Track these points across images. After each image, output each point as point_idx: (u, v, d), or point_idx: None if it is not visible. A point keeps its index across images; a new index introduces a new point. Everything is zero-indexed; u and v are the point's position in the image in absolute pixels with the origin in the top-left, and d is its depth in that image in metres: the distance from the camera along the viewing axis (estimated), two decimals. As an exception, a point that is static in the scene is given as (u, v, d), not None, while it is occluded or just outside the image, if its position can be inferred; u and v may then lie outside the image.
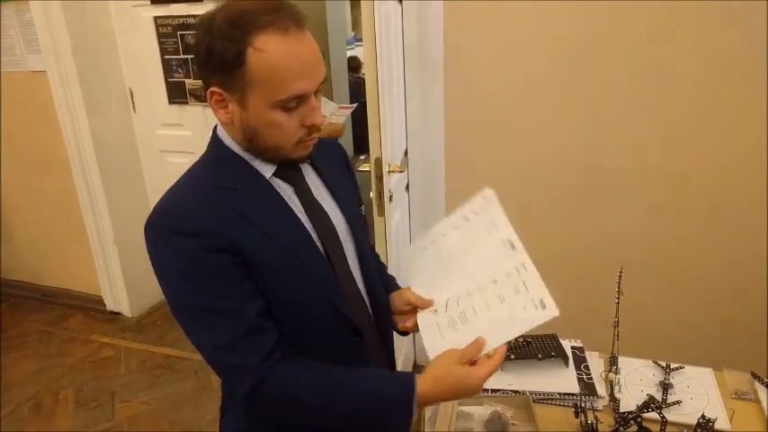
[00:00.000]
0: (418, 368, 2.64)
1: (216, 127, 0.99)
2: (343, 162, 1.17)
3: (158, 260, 0.90)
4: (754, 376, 1.31)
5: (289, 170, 1.00)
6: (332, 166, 1.10)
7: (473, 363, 0.94)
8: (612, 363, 1.36)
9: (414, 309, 1.11)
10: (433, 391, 0.93)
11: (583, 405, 1.21)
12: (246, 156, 0.96)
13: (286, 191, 0.98)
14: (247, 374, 0.88)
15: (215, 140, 0.98)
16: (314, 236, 0.98)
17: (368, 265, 1.09)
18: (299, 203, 0.99)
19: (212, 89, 0.90)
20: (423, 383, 0.93)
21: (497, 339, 0.95)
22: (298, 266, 0.94)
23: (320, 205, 1.02)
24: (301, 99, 0.90)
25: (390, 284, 1.22)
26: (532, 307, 0.95)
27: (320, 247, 0.99)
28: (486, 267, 1.05)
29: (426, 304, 1.09)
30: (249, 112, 0.89)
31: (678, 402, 1.24)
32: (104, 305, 3.34)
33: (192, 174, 0.97)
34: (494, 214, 1.09)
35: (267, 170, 0.97)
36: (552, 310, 0.93)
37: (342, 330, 1.01)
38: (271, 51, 0.86)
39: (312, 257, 0.97)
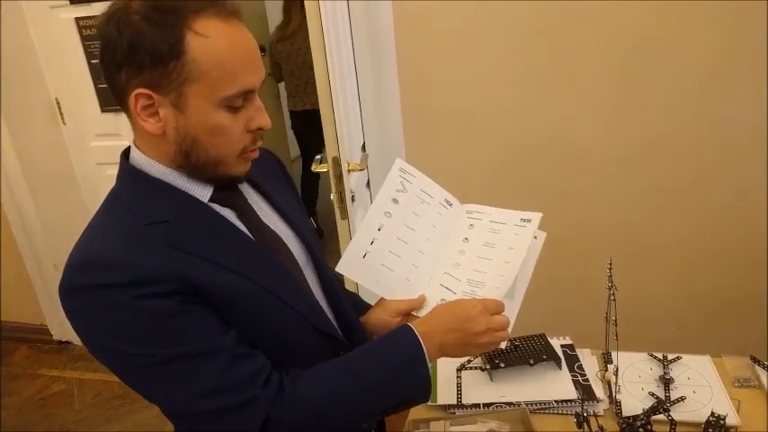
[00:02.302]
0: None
1: (127, 152, 0.83)
2: (280, 172, 1.03)
3: (93, 326, 0.73)
4: (754, 360, 1.25)
5: (227, 192, 0.85)
6: (270, 180, 0.96)
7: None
8: (608, 360, 1.28)
9: (406, 316, 1.00)
10: (433, 324, 0.88)
11: (585, 414, 1.12)
12: (175, 179, 0.80)
13: (227, 217, 0.84)
14: (253, 409, 0.75)
15: (127, 169, 0.81)
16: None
17: (330, 284, 0.97)
18: (244, 229, 0.85)
19: (138, 91, 0.73)
20: (421, 322, 0.90)
21: (512, 273, 0.95)
22: (264, 291, 0.81)
23: (269, 228, 0.89)
24: (247, 97, 0.77)
25: (358, 303, 1.10)
26: (521, 228, 1.00)
27: (281, 267, 0.86)
28: (449, 235, 1.05)
29: (419, 303, 1.00)
30: (188, 115, 0.74)
31: (682, 398, 1.17)
32: (51, 335, 3.09)
33: (104, 214, 0.80)
34: (420, 184, 1.05)
35: (203, 194, 0.82)
36: (536, 217, 1.00)
37: (325, 348, 0.90)
38: (214, 37, 0.72)
39: (276, 279, 0.84)
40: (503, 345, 0.92)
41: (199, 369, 0.74)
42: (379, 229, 1.00)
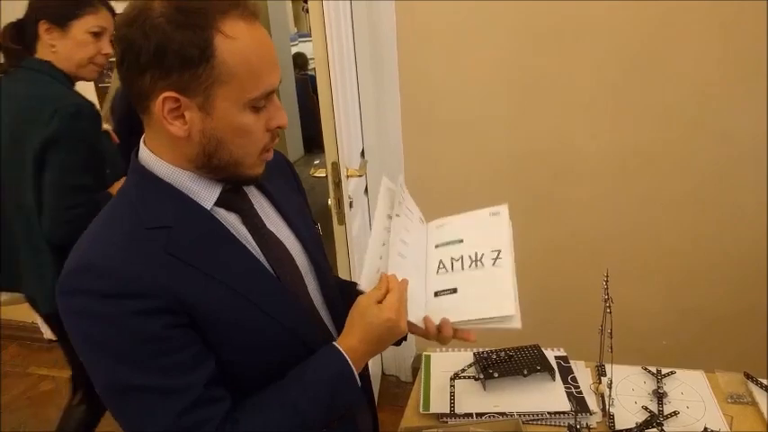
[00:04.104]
0: (386, 377, 2.54)
1: (137, 151, 0.82)
2: (290, 176, 1.02)
3: (77, 330, 0.73)
4: (748, 377, 1.25)
5: (233, 196, 0.84)
6: (278, 184, 0.95)
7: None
8: (601, 373, 1.28)
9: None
10: (354, 340, 0.85)
11: (578, 426, 1.12)
12: (181, 181, 0.79)
13: (232, 222, 0.83)
14: None
15: (137, 169, 0.80)
16: (270, 271, 0.84)
17: (331, 292, 0.96)
18: (247, 235, 0.84)
19: (165, 95, 0.72)
20: (344, 339, 0.86)
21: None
22: (257, 310, 0.80)
23: (273, 234, 0.88)
24: (268, 97, 0.77)
25: None
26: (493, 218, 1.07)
27: (278, 283, 0.85)
28: (426, 249, 1.09)
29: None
30: (215, 117, 0.74)
31: (675, 413, 1.17)
32: (41, 333, 3.05)
33: (110, 214, 0.79)
34: (405, 201, 1.09)
35: (207, 200, 0.81)
36: (503, 209, 1.08)
37: None
38: (241, 39, 0.72)
39: (272, 296, 0.83)
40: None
41: (156, 405, 0.72)
42: (383, 244, 1.00)
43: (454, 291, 1.00)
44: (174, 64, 0.71)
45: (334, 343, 0.85)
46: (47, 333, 3.04)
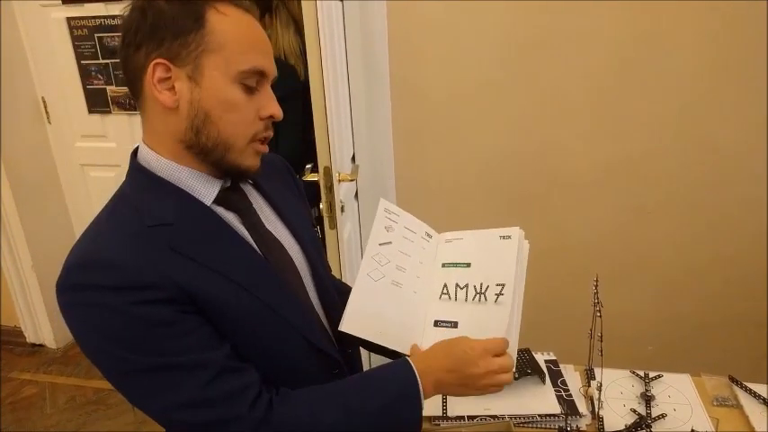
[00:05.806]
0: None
1: (136, 151, 0.83)
2: (289, 178, 1.03)
3: (84, 326, 0.73)
4: (733, 380, 1.28)
5: (232, 195, 0.85)
6: (277, 186, 0.96)
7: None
8: (591, 376, 1.30)
9: None
10: (431, 363, 0.84)
11: (568, 429, 1.13)
12: (180, 177, 0.80)
13: (231, 221, 0.84)
14: (237, 428, 0.73)
15: (134, 167, 0.81)
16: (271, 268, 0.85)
17: (328, 295, 0.97)
18: (246, 234, 0.85)
19: (156, 61, 0.74)
20: (420, 359, 0.86)
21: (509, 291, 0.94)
22: (262, 304, 0.80)
23: (271, 234, 0.89)
24: (260, 81, 0.79)
25: None
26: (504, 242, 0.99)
27: (281, 279, 0.86)
28: (433, 268, 1.03)
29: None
30: (203, 87, 0.75)
31: (663, 416, 1.19)
32: (24, 337, 3.03)
33: (110, 212, 0.80)
34: (403, 222, 1.03)
35: (207, 197, 0.81)
36: (515, 232, 0.99)
37: (320, 365, 0.89)
38: (233, 16, 0.77)
39: (276, 292, 0.83)
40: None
41: (179, 381, 0.72)
42: (377, 280, 0.95)
43: (455, 325, 0.96)
44: (166, 35, 0.74)
45: (407, 358, 0.85)
46: (30, 337, 3.02)
